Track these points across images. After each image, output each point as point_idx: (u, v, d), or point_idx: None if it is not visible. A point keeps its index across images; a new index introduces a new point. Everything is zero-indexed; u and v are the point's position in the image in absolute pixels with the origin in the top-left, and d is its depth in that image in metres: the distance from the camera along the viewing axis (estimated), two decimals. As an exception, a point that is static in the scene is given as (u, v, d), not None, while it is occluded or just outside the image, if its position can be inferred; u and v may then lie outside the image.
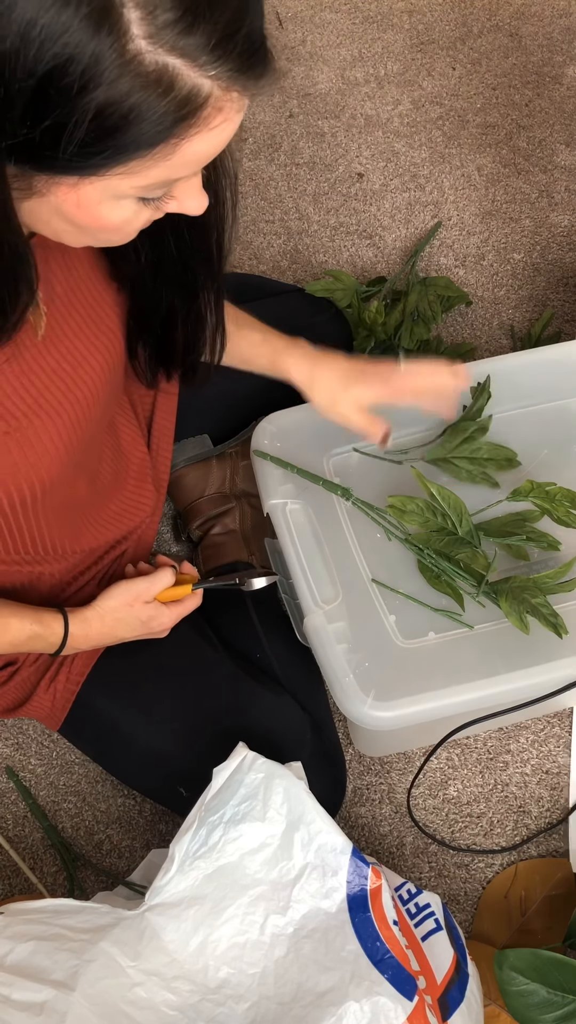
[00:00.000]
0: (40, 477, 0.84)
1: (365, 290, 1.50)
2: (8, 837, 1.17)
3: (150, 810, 1.18)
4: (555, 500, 1.04)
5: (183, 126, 0.57)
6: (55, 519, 0.93)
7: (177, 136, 0.58)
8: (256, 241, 1.67)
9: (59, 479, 0.87)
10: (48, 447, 0.83)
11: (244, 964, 0.89)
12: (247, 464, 1.29)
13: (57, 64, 0.53)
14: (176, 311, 0.89)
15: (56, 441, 0.83)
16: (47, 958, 0.84)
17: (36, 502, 0.87)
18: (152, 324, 0.90)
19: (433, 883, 1.14)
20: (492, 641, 1.02)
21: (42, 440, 0.82)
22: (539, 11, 1.96)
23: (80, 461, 0.91)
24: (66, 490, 0.92)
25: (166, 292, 0.86)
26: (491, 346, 1.55)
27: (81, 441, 0.87)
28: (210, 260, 0.85)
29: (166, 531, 1.37)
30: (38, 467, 0.83)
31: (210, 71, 0.56)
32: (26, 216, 0.66)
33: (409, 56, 1.90)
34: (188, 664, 1.07)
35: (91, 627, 0.97)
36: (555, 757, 1.21)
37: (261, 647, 1.11)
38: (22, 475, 0.83)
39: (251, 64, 0.58)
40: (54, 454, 0.84)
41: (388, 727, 0.98)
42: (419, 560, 1.05)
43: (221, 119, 0.59)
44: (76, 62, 0.53)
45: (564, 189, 1.72)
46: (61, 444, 0.84)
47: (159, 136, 0.57)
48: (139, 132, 0.56)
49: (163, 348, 0.93)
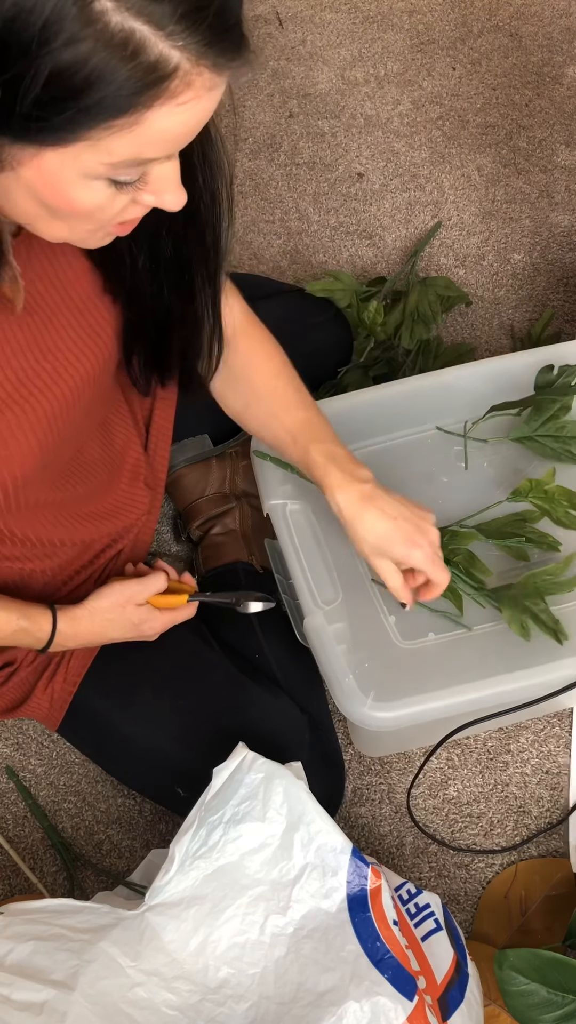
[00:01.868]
0: (12, 473, 0.83)
1: (365, 290, 1.50)
2: (8, 837, 1.17)
3: (150, 810, 1.19)
4: (554, 500, 1.05)
5: (148, 95, 0.56)
6: (33, 517, 0.93)
7: (143, 105, 0.57)
8: (256, 241, 1.67)
9: (32, 477, 0.86)
10: (21, 443, 0.82)
11: (244, 964, 0.89)
12: (247, 464, 1.29)
13: (17, 14, 0.52)
14: (172, 315, 0.88)
15: (30, 438, 0.82)
16: (47, 958, 0.84)
17: (8, 500, 0.86)
18: (147, 330, 0.90)
19: (433, 883, 1.14)
20: (492, 642, 1.02)
21: (15, 436, 0.81)
22: (539, 11, 1.96)
23: (57, 461, 0.90)
24: (43, 489, 0.91)
25: (163, 295, 0.86)
26: (491, 346, 1.55)
27: (57, 441, 0.86)
28: (207, 261, 0.84)
29: (166, 531, 1.37)
30: (9, 463, 0.82)
31: (178, 41, 0.55)
32: None
33: (409, 56, 1.90)
34: (187, 665, 1.07)
35: (80, 626, 0.97)
36: (555, 757, 1.21)
37: (260, 648, 1.11)
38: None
39: (222, 40, 0.57)
40: (27, 451, 0.83)
41: (388, 727, 0.98)
42: None
43: (190, 95, 0.58)
44: (36, 14, 0.52)
45: (564, 189, 1.72)
46: (35, 441, 0.83)
47: (123, 102, 0.56)
48: (101, 96, 0.55)
49: (158, 354, 0.93)
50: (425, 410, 1.17)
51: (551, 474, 1.05)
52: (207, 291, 0.88)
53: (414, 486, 1.12)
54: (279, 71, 1.88)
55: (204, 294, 0.88)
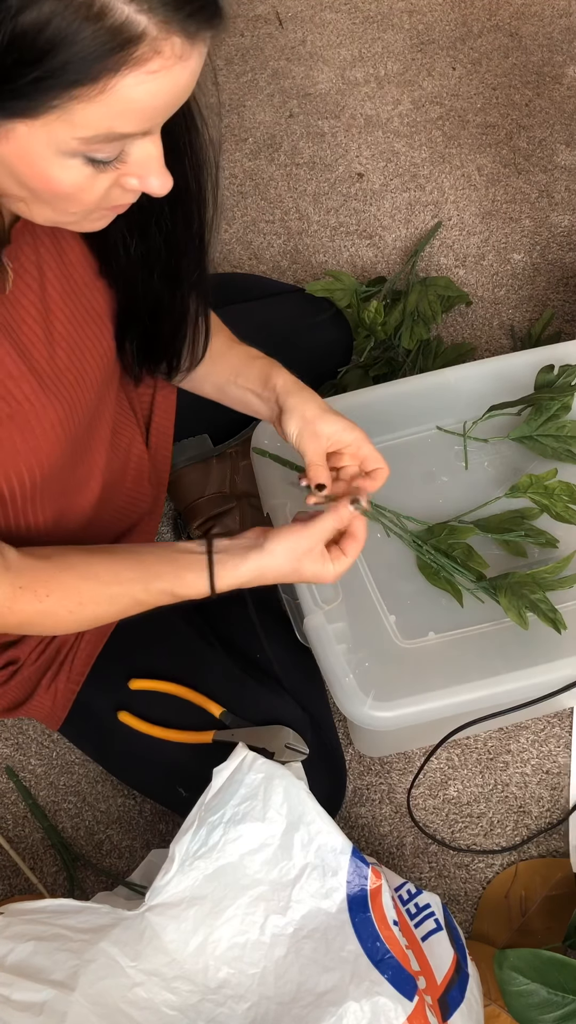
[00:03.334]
0: (40, 461, 0.84)
1: (365, 290, 1.50)
2: (8, 837, 1.17)
3: (150, 810, 1.19)
4: (554, 495, 1.05)
5: (115, 59, 0.55)
6: (53, 508, 0.93)
7: (110, 70, 0.56)
8: (256, 241, 1.67)
9: (58, 464, 0.87)
10: (48, 431, 0.83)
11: (244, 964, 0.89)
12: (247, 464, 1.29)
13: None
14: (162, 302, 0.88)
15: (56, 424, 0.83)
16: (47, 958, 0.84)
17: (35, 488, 0.87)
18: (140, 316, 0.90)
19: (433, 883, 1.14)
20: (492, 641, 1.02)
21: (42, 423, 0.82)
22: (539, 11, 1.96)
23: (78, 447, 0.90)
24: (63, 480, 0.91)
25: (152, 281, 0.85)
26: (491, 346, 1.55)
27: (79, 426, 0.87)
28: (194, 248, 0.83)
29: (166, 531, 1.37)
30: (38, 451, 0.83)
31: (144, 4, 0.54)
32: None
33: (409, 56, 1.90)
34: (188, 664, 1.07)
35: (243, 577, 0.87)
36: (555, 757, 1.21)
37: (261, 647, 1.11)
38: (23, 460, 0.83)
39: (191, 7, 0.56)
40: (54, 438, 0.84)
41: (388, 727, 0.98)
42: (418, 558, 1.05)
43: (159, 64, 0.57)
44: None
45: (564, 189, 1.72)
46: (60, 427, 0.84)
47: (88, 67, 0.55)
48: (66, 60, 0.54)
49: (149, 340, 0.93)
50: (425, 410, 1.17)
51: (553, 472, 1.06)
52: (193, 278, 0.87)
53: (414, 486, 1.12)
54: (279, 71, 1.88)
55: (190, 282, 0.87)
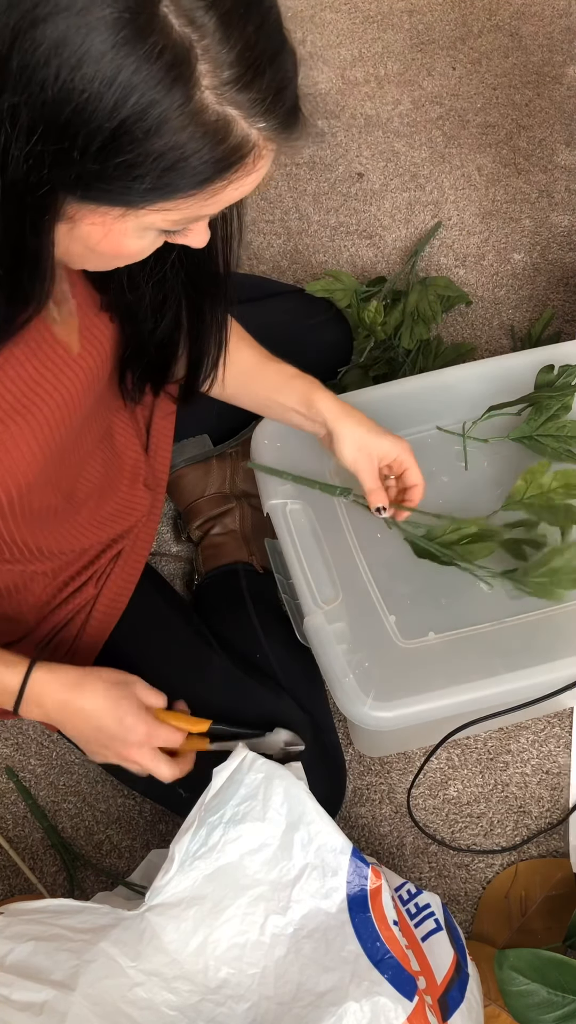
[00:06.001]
0: (16, 482, 0.84)
1: (365, 290, 1.50)
2: (8, 837, 1.17)
3: (150, 810, 1.19)
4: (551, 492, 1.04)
5: (231, 171, 0.62)
6: (36, 523, 0.93)
7: (224, 180, 0.63)
8: (256, 241, 1.67)
9: (35, 484, 0.87)
10: (24, 452, 0.83)
11: (244, 964, 0.89)
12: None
13: (134, 112, 0.57)
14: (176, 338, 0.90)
15: (33, 446, 0.83)
16: (47, 958, 0.83)
17: (13, 507, 0.87)
18: (146, 350, 0.90)
19: (433, 883, 1.14)
20: (492, 641, 1.02)
21: (18, 445, 0.82)
22: (539, 11, 1.96)
23: (58, 467, 0.90)
24: (45, 495, 0.91)
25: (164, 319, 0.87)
26: (491, 346, 1.55)
27: (59, 447, 0.87)
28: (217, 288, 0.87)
29: (166, 531, 1.37)
30: (14, 472, 0.83)
31: (259, 123, 0.61)
32: None
33: (409, 56, 1.90)
34: (187, 664, 1.07)
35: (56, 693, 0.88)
36: (555, 757, 1.21)
37: (261, 647, 1.11)
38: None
39: (293, 121, 0.64)
40: (30, 459, 0.83)
41: (388, 727, 0.98)
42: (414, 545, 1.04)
43: (261, 165, 0.65)
44: (152, 109, 0.57)
45: (564, 189, 1.72)
46: (38, 449, 0.84)
47: (210, 178, 0.62)
48: (194, 173, 0.61)
49: (154, 371, 0.94)
50: (425, 410, 1.17)
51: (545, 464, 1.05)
52: (216, 315, 0.90)
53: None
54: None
55: (212, 318, 0.90)
